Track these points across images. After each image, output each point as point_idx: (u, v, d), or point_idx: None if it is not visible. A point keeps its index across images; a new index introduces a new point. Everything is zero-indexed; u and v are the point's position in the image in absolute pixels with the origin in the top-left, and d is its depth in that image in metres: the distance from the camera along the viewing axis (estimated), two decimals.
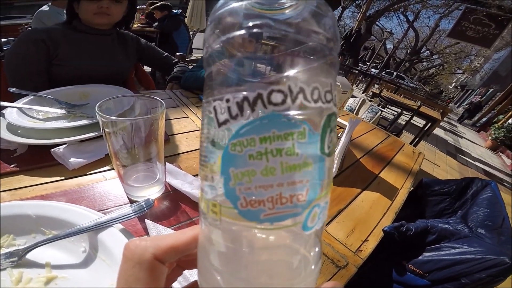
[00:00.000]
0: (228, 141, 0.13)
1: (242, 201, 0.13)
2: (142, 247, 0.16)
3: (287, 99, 0.12)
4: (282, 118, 0.12)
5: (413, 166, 1.02)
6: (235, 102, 0.13)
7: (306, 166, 0.13)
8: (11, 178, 0.50)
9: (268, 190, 0.13)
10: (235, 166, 0.13)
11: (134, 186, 0.46)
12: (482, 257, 0.71)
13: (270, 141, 0.12)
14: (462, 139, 6.91)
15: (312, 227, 0.14)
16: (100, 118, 0.36)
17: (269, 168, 0.13)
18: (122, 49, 1.04)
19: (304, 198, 0.13)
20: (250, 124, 0.13)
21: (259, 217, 0.13)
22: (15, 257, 0.33)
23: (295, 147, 0.13)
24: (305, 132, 0.13)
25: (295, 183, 0.13)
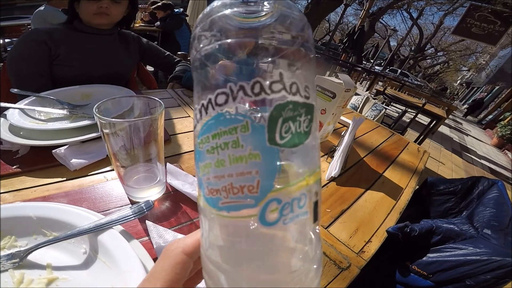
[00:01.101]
0: (197, 140, 0.16)
1: (206, 190, 0.15)
2: (176, 244, 0.19)
3: (229, 98, 0.14)
4: (226, 115, 0.14)
5: (418, 165, 1.01)
6: (198, 108, 0.15)
7: (253, 157, 0.13)
8: (13, 179, 0.50)
9: (221, 180, 0.14)
10: (200, 160, 0.15)
11: (135, 187, 0.46)
12: (488, 258, 0.70)
13: (218, 137, 0.14)
14: (467, 136, 6.84)
15: (273, 222, 0.14)
16: (98, 119, 0.36)
17: (220, 160, 0.14)
18: (124, 48, 1.04)
19: (256, 190, 0.13)
20: (205, 125, 0.15)
21: (217, 205, 0.14)
22: (16, 258, 0.34)
23: (240, 140, 0.13)
24: (247, 125, 0.13)
25: (243, 174, 0.13)
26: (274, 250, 0.15)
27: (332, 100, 0.81)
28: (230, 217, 0.14)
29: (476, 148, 5.83)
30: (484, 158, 5.19)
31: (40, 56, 0.84)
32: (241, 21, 0.14)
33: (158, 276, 0.18)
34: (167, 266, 0.18)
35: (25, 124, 0.60)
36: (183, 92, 1.07)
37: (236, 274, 0.15)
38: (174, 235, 0.41)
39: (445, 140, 5.40)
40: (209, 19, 0.14)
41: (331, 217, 0.61)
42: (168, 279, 0.17)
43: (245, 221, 0.14)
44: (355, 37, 8.53)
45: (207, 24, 0.14)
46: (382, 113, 2.35)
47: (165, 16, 3.41)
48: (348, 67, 7.30)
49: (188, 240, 0.19)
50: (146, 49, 1.13)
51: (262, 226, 0.14)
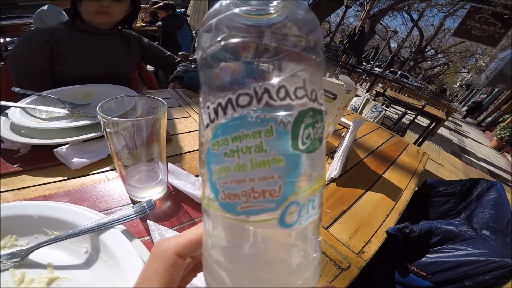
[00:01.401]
0: (210, 141, 0.15)
1: (222, 194, 0.14)
2: (166, 244, 0.18)
3: (253, 100, 0.13)
4: (249, 118, 0.13)
5: (418, 167, 1.01)
6: (212, 108, 0.14)
7: (276, 162, 0.13)
8: (14, 178, 0.50)
9: (241, 184, 0.14)
10: (214, 163, 0.14)
11: (136, 186, 0.46)
12: (487, 259, 0.71)
13: (240, 140, 0.13)
14: (467, 138, 6.85)
15: (291, 224, 0.14)
16: (101, 118, 0.36)
17: (240, 164, 0.13)
18: (125, 48, 1.04)
19: (278, 194, 0.13)
20: (223, 126, 0.14)
21: (236, 210, 0.14)
22: (17, 257, 0.34)
23: (263, 144, 0.13)
24: (272, 129, 0.13)
25: (266, 178, 0.13)
26: (289, 250, 0.15)
27: (332, 101, 0.81)
28: (248, 222, 0.14)
29: (475, 150, 5.84)
30: (483, 160, 5.20)
31: (42, 56, 0.84)
32: (252, 18, 0.13)
33: (152, 279, 0.17)
34: (161, 269, 0.17)
35: (26, 123, 0.60)
36: (184, 93, 1.07)
37: (244, 275, 0.15)
38: (175, 234, 0.41)
39: (445, 142, 5.41)
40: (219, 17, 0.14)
41: (331, 218, 0.62)
42: (164, 282, 0.17)
43: (263, 224, 0.14)
44: (356, 38, 8.54)
45: (217, 22, 0.14)
46: (382, 115, 2.35)
47: (167, 16, 3.42)
48: (348, 68, 7.30)
49: (180, 240, 0.18)
50: (147, 48, 1.14)
51: (280, 228, 0.14)
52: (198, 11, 4.51)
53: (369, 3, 9.46)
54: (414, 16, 14.73)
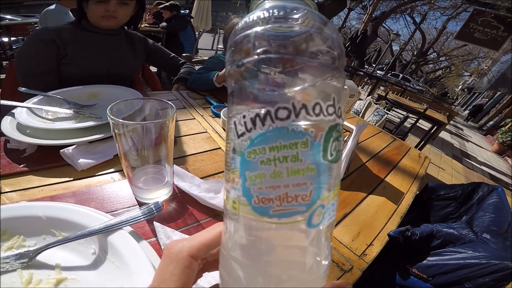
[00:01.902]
0: (245, 149, 0.15)
1: (255, 199, 0.15)
2: (179, 247, 0.19)
3: (291, 115, 0.14)
4: (287, 130, 0.14)
5: (419, 171, 1.02)
6: (250, 118, 0.15)
7: (309, 171, 0.15)
8: (21, 178, 0.50)
9: (276, 190, 0.15)
10: (249, 170, 0.15)
11: (143, 188, 0.47)
12: (487, 262, 0.71)
13: (277, 150, 0.14)
14: (468, 142, 6.83)
15: (317, 224, 0.16)
16: (110, 120, 0.37)
17: (276, 172, 0.15)
18: (130, 49, 1.05)
19: (308, 198, 0.15)
20: (261, 136, 0.15)
21: (268, 213, 0.15)
22: (25, 258, 0.34)
23: (299, 155, 0.14)
24: (307, 142, 0.15)
25: (300, 185, 0.15)
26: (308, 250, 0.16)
27: None
28: (280, 223, 0.15)
29: (477, 154, 5.82)
30: (484, 164, 5.18)
31: (48, 55, 0.85)
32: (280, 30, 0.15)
33: (168, 281, 0.17)
34: (176, 271, 0.18)
35: (33, 123, 0.60)
36: (188, 94, 1.08)
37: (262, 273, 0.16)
38: (181, 236, 0.42)
39: (446, 146, 5.40)
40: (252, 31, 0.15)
41: None
42: (180, 284, 0.17)
43: (293, 225, 0.15)
44: (358, 41, 8.54)
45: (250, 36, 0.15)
46: (384, 118, 2.36)
47: (171, 17, 3.43)
48: (350, 71, 7.31)
49: (193, 243, 0.19)
50: (152, 50, 1.14)
51: (307, 228, 0.15)
52: (201, 12, 4.52)
53: (371, 5, 9.46)
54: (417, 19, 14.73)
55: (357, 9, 12.44)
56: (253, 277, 0.16)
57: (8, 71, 1.01)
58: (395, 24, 20.17)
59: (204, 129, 0.83)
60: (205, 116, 0.92)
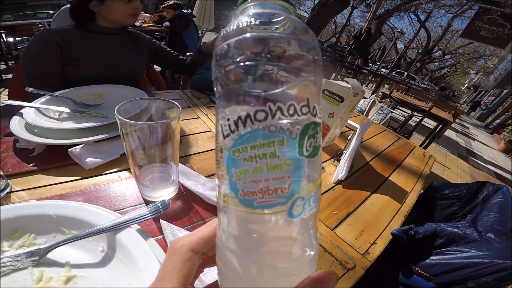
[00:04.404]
0: (230, 149, 0.17)
1: (241, 192, 0.17)
2: (181, 243, 0.20)
3: (268, 116, 0.16)
4: (265, 130, 0.16)
5: (424, 169, 1.01)
6: (233, 120, 0.17)
7: (287, 165, 0.16)
8: (30, 177, 0.51)
9: (258, 183, 0.16)
10: (235, 167, 0.17)
11: (150, 187, 0.47)
12: (490, 261, 0.71)
13: (257, 148, 0.16)
14: (474, 141, 6.76)
15: (297, 215, 0.17)
16: (118, 120, 0.37)
17: (257, 168, 0.16)
18: (133, 48, 1.05)
19: (287, 190, 0.16)
20: (243, 137, 0.16)
21: (253, 204, 0.17)
22: (36, 256, 0.34)
23: (276, 152, 0.16)
24: (283, 140, 0.16)
25: (278, 178, 0.16)
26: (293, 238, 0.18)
27: (340, 104, 0.82)
28: (263, 214, 0.17)
29: (483, 153, 5.76)
30: (490, 163, 5.13)
31: (51, 57, 0.86)
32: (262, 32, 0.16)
33: (171, 273, 0.19)
34: (178, 264, 0.19)
35: (41, 123, 0.61)
36: (193, 94, 1.09)
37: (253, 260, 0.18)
38: (187, 233, 0.42)
39: (451, 145, 5.36)
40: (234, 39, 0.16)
41: (337, 219, 0.62)
42: (182, 275, 0.19)
43: (275, 215, 0.17)
44: (362, 39, 8.48)
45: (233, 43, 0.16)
46: (388, 117, 2.34)
47: (174, 17, 3.43)
48: (354, 69, 7.27)
49: (193, 238, 0.20)
50: (157, 49, 1.15)
51: (289, 219, 0.17)
52: (204, 11, 4.51)
53: (375, 3, 9.38)
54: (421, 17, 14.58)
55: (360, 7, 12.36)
56: (247, 266, 0.18)
57: (15, 71, 1.02)
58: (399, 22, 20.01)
59: (208, 128, 0.84)
60: (209, 115, 0.93)
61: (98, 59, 0.94)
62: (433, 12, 14.10)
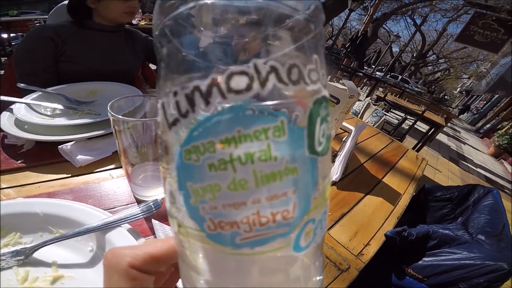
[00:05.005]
0: (181, 147, 0.10)
1: (209, 223, 0.10)
2: (119, 255, 0.15)
3: (254, 83, 0.09)
4: (249, 110, 0.09)
5: (416, 172, 1.02)
6: (184, 94, 0.10)
7: (290, 172, 0.10)
8: (18, 174, 0.50)
9: (240, 208, 0.10)
10: (192, 180, 0.10)
11: (142, 186, 0.47)
12: (481, 262, 0.72)
13: (235, 144, 0.09)
14: (465, 145, 6.86)
15: (306, 246, 0.11)
16: (111, 116, 0.37)
17: (237, 181, 0.10)
18: (130, 46, 1.04)
19: (292, 214, 0.10)
20: (205, 123, 0.09)
21: (234, 242, 0.10)
22: (21, 255, 0.33)
23: (272, 149, 0.09)
24: (283, 126, 0.10)
25: (277, 196, 0.10)
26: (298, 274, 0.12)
27: (335, 105, 0.82)
28: (253, 254, 0.11)
29: (473, 156, 5.85)
30: (480, 166, 5.22)
31: (46, 53, 0.85)
32: None
33: None
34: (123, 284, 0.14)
35: (31, 119, 0.60)
36: None
37: None
38: None
39: (443, 148, 5.43)
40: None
41: (331, 220, 0.62)
42: None
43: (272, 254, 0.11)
44: (358, 42, 8.55)
45: None
46: (382, 120, 2.37)
47: None
48: (349, 72, 7.31)
49: (138, 253, 0.15)
50: (154, 47, 1.14)
51: (294, 254, 0.11)
52: None
53: (373, 7, 9.47)
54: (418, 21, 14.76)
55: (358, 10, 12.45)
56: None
57: (7, 67, 1.00)
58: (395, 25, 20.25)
59: None
60: None
61: (93, 56, 0.93)
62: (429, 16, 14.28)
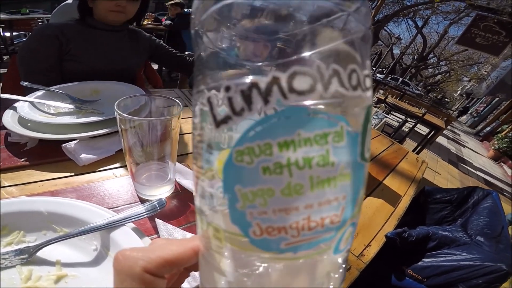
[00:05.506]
0: (233, 147, 0.10)
1: (255, 229, 0.10)
2: (132, 259, 0.15)
3: (317, 85, 0.09)
4: (311, 112, 0.09)
5: (417, 174, 1.03)
6: (240, 90, 0.09)
7: (344, 178, 0.10)
8: (21, 172, 0.50)
9: (291, 214, 0.10)
10: (243, 183, 0.10)
11: (146, 185, 0.47)
12: (480, 264, 0.73)
13: (294, 147, 0.09)
14: (464, 148, 6.86)
15: (344, 248, 0.11)
16: (117, 115, 0.37)
17: (293, 186, 0.09)
18: (133, 46, 1.04)
19: (339, 218, 0.10)
20: (263, 123, 0.09)
21: (279, 247, 0.10)
22: (25, 254, 0.33)
23: (330, 154, 0.09)
24: (342, 132, 0.09)
25: (330, 201, 0.10)
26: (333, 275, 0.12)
27: None
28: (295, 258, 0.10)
29: (473, 159, 5.85)
30: (479, 169, 5.22)
31: (51, 51, 0.85)
32: None
33: None
34: None
35: (35, 117, 0.60)
36: (190, 93, 1.08)
37: None
38: (183, 233, 0.42)
39: (442, 151, 5.43)
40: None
41: None
42: None
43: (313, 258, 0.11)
44: None
45: None
46: (383, 122, 2.37)
47: (175, 15, 3.42)
48: None
49: (153, 258, 0.15)
50: (157, 46, 1.14)
51: (332, 257, 0.11)
52: None
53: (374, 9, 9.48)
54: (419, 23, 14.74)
55: None
56: None
57: (10, 66, 1.00)
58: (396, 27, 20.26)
59: None
60: None
61: (97, 55, 0.93)
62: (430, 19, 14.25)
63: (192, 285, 0.35)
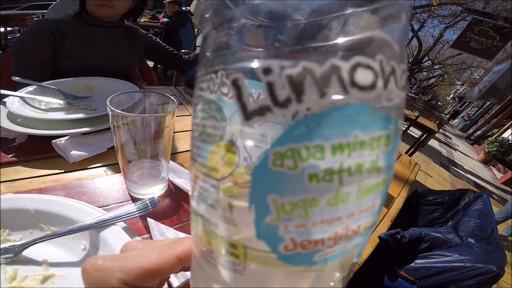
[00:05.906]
0: (269, 148, 0.08)
1: (288, 244, 0.09)
2: (106, 270, 0.13)
3: (378, 82, 0.08)
4: (371, 112, 0.08)
5: (409, 176, 1.03)
6: (285, 75, 0.07)
7: (383, 184, 0.09)
8: (8, 168, 0.49)
9: (333, 225, 0.08)
10: (280, 193, 0.08)
11: (138, 183, 0.46)
12: (471, 265, 0.74)
13: (349, 151, 0.08)
14: (455, 151, 6.97)
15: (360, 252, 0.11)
16: (110, 111, 0.36)
17: (340, 195, 0.08)
18: (129, 43, 1.03)
19: (369, 224, 0.10)
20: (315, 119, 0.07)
21: (311, 260, 0.09)
22: (10, 253, 0.32)
23: (379, 159, 0.08)
24: (391, 135, 0.09)
25: (367, 209, 0.09)
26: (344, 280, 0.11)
27: None
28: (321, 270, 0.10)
29: (463, 162, 5.95)
30: (470, 172, 5.31)
31: (45, 46, 0.84)
32: None
33: None
34: None
35: (25, 112, 0.59)
36: (185, 91, 1.07)
37: None
38: (175, 233, 0.41)
39: (434, 154, 5.51)
40: None
41: None
42: None
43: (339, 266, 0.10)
44: None
45: None
46: None
47: (172, 13, 3.39)
48: None
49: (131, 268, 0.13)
50: (153, 44, 1.13)
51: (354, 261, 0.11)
52: None
53: None
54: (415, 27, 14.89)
55: None
56: None
57: (2, 62, 0.98)
58: None
59: None
60: None
61: (92, 51, 0.92)
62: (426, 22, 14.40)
63: (181, 280, 0.34)
